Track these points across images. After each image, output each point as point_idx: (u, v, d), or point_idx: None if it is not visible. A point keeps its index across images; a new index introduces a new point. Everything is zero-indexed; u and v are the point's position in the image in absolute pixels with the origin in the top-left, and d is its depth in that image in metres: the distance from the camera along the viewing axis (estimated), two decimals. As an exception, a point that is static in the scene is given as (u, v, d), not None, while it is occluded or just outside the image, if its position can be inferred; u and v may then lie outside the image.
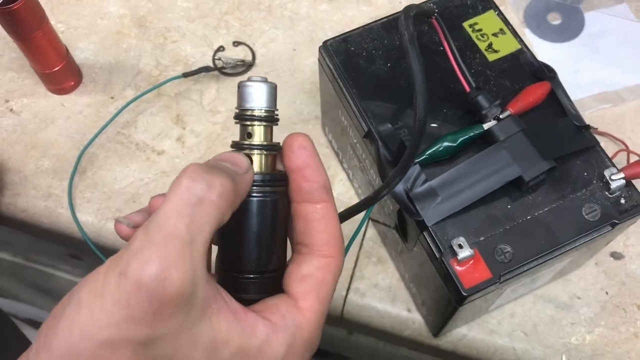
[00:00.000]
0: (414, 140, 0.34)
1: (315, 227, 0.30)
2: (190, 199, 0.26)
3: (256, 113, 0.31)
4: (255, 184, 0.30)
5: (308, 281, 0.30)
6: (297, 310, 0.29)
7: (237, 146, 0.31)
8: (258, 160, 0.31)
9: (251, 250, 0.30)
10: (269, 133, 0.31)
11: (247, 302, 0.29)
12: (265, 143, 0.31)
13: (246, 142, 0.31)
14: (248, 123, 0.31)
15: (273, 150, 0.31)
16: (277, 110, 0.32)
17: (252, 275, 0.30)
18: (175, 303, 0.25)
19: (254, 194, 0.30)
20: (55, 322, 0.25)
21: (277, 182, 0.31)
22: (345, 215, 0.35)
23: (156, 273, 0.24)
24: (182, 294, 0.25)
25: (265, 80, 0.31)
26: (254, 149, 0.31)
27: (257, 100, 0.31)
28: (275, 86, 0.31)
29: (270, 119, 0.31)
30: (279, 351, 0.28)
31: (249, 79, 0.31)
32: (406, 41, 0.35)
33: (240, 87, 0.31)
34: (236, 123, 0.32)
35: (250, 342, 0.27)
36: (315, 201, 0.30)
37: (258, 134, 0.31)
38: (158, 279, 0.24)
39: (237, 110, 0.31)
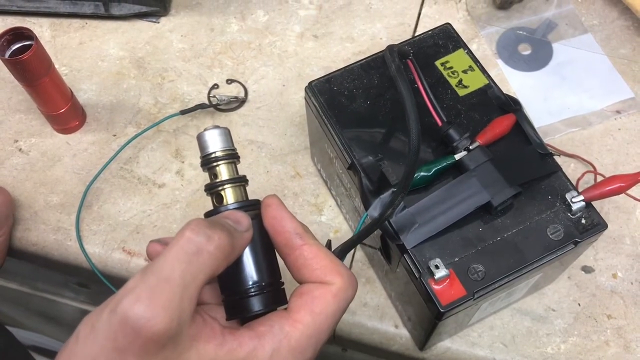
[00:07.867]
0: (414, 148, 0.37)
1: (308, 269, 0.33)
2: (189, 248, 0.29)
3: (218, 154, 0.35)
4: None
5: (304, 297, 0.33)
6: (287, 321, 0.32)
7: (209, 187, 0.35)
8: (231, 193, 0.35)
9: (242, 268, 0.33)
10: (232, 168, 0.35)
11: (252, 319, 0.33)
12: (232, 177, 0.35)
13: (217, 181, 0.35)
14: (213, 164, 0.35)
15: (240, 182, 0.35)
16: (234, 148, 0.36)
17: (250, 293, 0.33)
18: (161, 340, 0.27)
19: None
20: (60, 353, 0.29)
21: (250, 207, 0.34)
22: (358, 238, 0.38)
23: (144, 311, 0.27)
24: (167, 333, 0.28)
25: (217, 127, 0.35)
26: (225, 184, 0.35)
27: (215, 144, 0.35)
28: (227, 130, 0.35)
29: (231, 156, 0.35)
30: (265, 357, 0.30)
31: (204, 129, 0.35)
32: (394, 71, 0.39)
33: (198, 138, 0.35)
34: (204, 170, 0.35)
35: (237, 355, 0.30)
36: (296, 248, 0.34)
37: (224, 171, 0.35)
38: (145, 317, 0.27)
39: (201, 159, 0.35)
